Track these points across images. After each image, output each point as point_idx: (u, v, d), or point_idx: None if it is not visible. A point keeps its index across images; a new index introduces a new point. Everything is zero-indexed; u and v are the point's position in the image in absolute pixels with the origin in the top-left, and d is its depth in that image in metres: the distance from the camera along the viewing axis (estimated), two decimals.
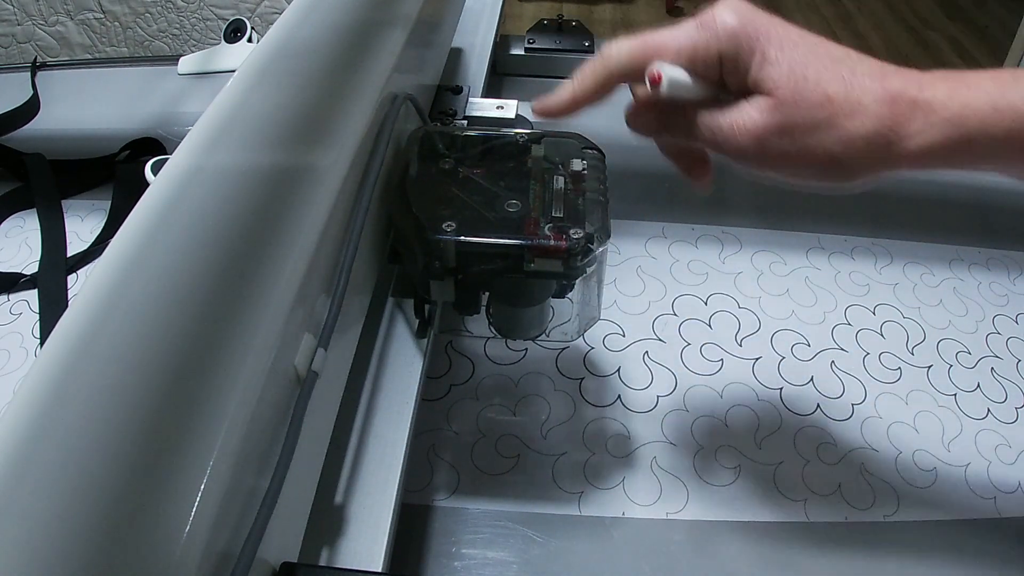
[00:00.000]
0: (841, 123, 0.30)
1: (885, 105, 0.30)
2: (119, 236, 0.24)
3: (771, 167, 0.32)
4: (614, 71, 0.34)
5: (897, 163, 0.31)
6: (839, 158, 0.31)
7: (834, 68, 0.31)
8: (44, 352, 0.21)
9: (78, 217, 0.67)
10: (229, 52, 0.83)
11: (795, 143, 0.31)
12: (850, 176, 0.32)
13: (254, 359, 0.27)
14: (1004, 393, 0.56)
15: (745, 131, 0.31)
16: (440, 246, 0.39)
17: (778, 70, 0.31)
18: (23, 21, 1.33)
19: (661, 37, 0.33)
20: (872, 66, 0.31)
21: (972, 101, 0.30)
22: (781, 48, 0.31)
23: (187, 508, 0.22)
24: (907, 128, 0.30)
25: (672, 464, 0.50)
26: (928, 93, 0.30)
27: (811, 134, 0.30)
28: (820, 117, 0.30)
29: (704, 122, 0.33)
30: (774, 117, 0.31)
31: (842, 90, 0.30)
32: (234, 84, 0.32)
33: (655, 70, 0.32)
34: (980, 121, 0.30)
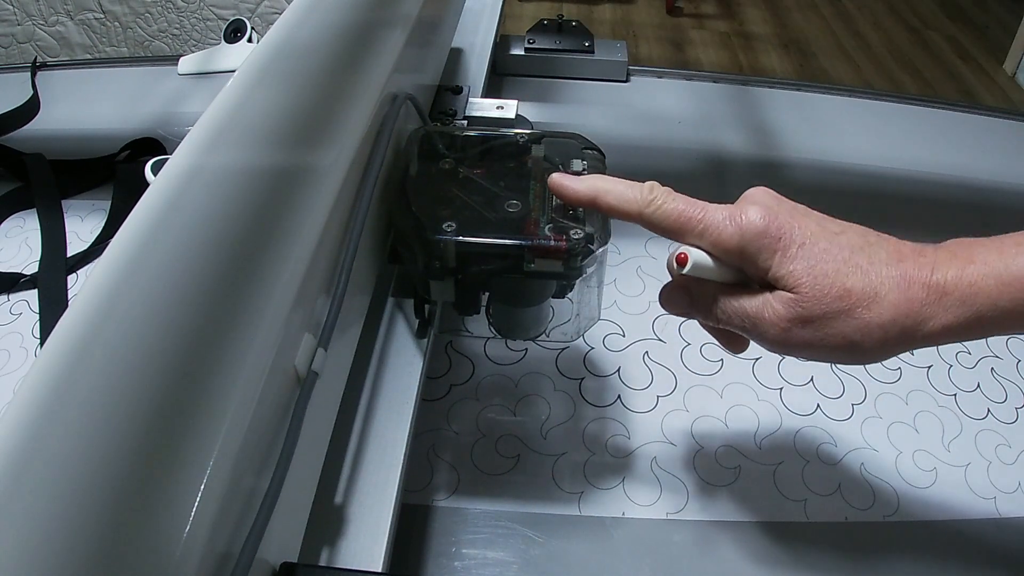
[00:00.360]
0: (860, 314, 0.32)
1: (901, 292, 0.32)
2: (119, 236, 0.24)
3: (794, 352, 0.34)
4: (642, 219, 0.35)
5: (913, 344, 0.33)
6: (859, 344, 0.32)
7: (852, 259, 0.33)
8: (44, 352, 0.21)
9: (78, 217, 0.67)
10: (229, 52, 0.83)
11: (817, 333, 0.33)
12: (869, 358, 0.33)
13: (254, 359, 0.27)
14: (1004, 393, 0.56)
15: (771, 323, 0.33)
16: (440, 246, 0.39)
17: (799, 267, 0.33)
18: (23, 21, 1.33)
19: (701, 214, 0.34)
20: (889, 250, 0.33)
21: (979, 280, 0.31)
22: (802, 245, 0.33)
23: (187, 508, 0.22)
24: (922, 314, 0.32)
25: (672, 464, 0.50)
26: (939, 275, 0.32)
27: (832, 324, 0.32)
28: (840, 309, 0.32)
29: (731, 307, 0.35)
30: (796, 311, 0.33)
31: (860, 282, 0.32)
32: (234, 84, 0.32)
33: (682, 251, 0.35)
34: (988, 297, 0.31)
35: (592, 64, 0.86)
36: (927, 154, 0.77)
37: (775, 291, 0.34)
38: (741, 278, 0.36)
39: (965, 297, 0.31)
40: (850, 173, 0.75)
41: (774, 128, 0.80)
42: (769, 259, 0.33)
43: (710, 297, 0.36)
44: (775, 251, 0.33)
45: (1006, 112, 0.85)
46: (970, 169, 0.76)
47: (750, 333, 0.35)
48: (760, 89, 0.86)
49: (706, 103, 0.84)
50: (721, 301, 0.35)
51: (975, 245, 0.33)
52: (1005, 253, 0.32)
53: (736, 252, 0.34)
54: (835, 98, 0.86)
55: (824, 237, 0.33)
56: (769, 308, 0.33)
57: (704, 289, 0.36)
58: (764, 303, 0.34)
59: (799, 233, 0.33)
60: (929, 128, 0.82)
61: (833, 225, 0.34)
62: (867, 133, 0.81)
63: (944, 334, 0.32)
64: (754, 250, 0.33)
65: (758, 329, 0.34)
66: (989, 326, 0.32)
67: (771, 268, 0.33)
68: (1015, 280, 0.31)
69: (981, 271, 0.32)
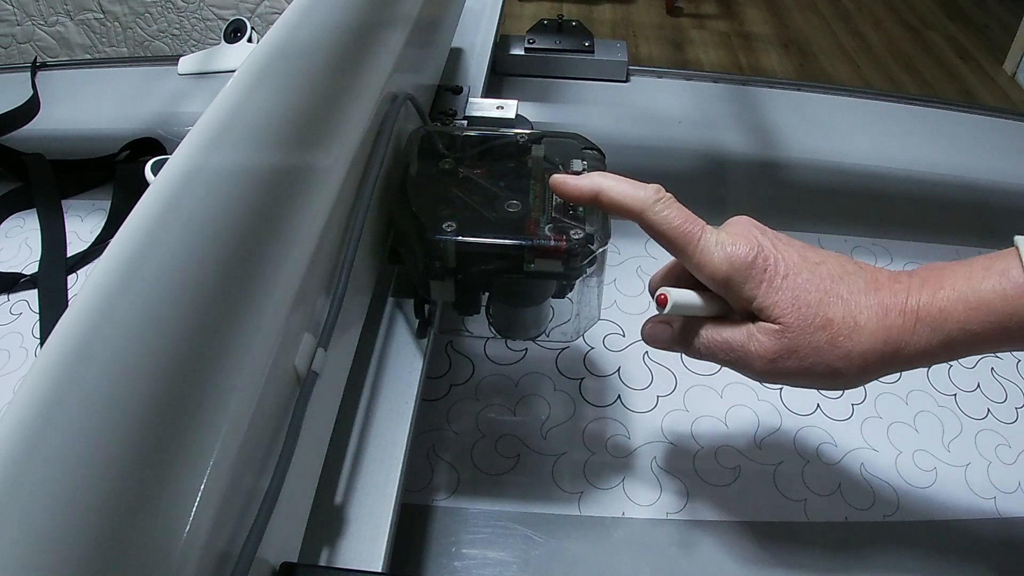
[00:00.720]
0: (841, 343, 0.33)
1: (879, 320, 0.33)
2: (119, 236, 0.24)
3: (780, 380, 0.35)
4: (644, 219, 0.35)
5: (892, 368, 0.34)
6: (842, 372, 0.33)
7: (833, 289, 0.34)
8: (44, 352, 0.21)
9: (78, 217, 0.67)
10: (229, 52, 0.83)
11: (802, 363, 0.33)
12: (852, 383, 0.35)
13: (254, 359, 0.27)
14: (1004, 393, 0.56)
15: (757, 356, 0.34)
16: (440, 246, 0.39)
17: (784, 297, 0.33)
18: (23, 21, 1.33)
19: (700, 233, 0.35)
20: (867, 279, 0.34)
21: (947, 305, 0.32)
22: (785, 275, 0.34)
23: (187, 508, 0.22)
24: (899, 340, 0.33)
25: (672, 464, 0.50)
26: (913, 300, 0.33)
27: (815, 354, 0.33)
28: (823, 339, 0.33)
29: (714, 340, 0.36)
30: (782, 342, 0.33)
31: (840, 312, 0.33)
32: (234, 84, 0.32)
33: (662, 293, 0.36)
34: (956, 322, 0.32)
35: (592, 64, 0.86)
36: (927, 154, 0.77)
37: (758, 322, 0.34)
38: (720, 311, 0.36)
39: (936, 323, 0.32)
40: (850, 173, 0.75)
41: (774, 128, 0.80)
42: (755, 289, 0.34)
43: (692, 331, 0.37)
44: (761, 282, 0.34)
45: (1006, 112, 0.85)
46: (970, 169, 0.76)
47: (735, 365, 0.36)
48: (760, 89, 0.86)
49: (706, 103, 0.84)
50: (704, 335, 0.36)
51: (945, 270, 0.34)
52: (972, 278, 0.32)
53: (722, 281, 0.34)
54: (835, 98, 0.86)
55: (806, 268, 0.34)
56: (755, 340, 0.34)
57: (686, 323, 0.37)
58: (749, 335, 0.34)
59: (783, 264, 0.34)
60: (929, 128, 0.82)
61: (813, 255, 0.35)
62: (867, 133, 0.81)
63: (919, 358, 0.33)
64: (740, 280, 0.34)
65: (744, 361, 0.35)
66: (961, 349, 0.33)
67: (756, 298, 0.34)
68: (982, 304, 0.31)
69: (950, 296, 0.32)
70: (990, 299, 0.31)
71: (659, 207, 0.35)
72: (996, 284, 0.32)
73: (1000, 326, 0.31)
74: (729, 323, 0.36)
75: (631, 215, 0.36)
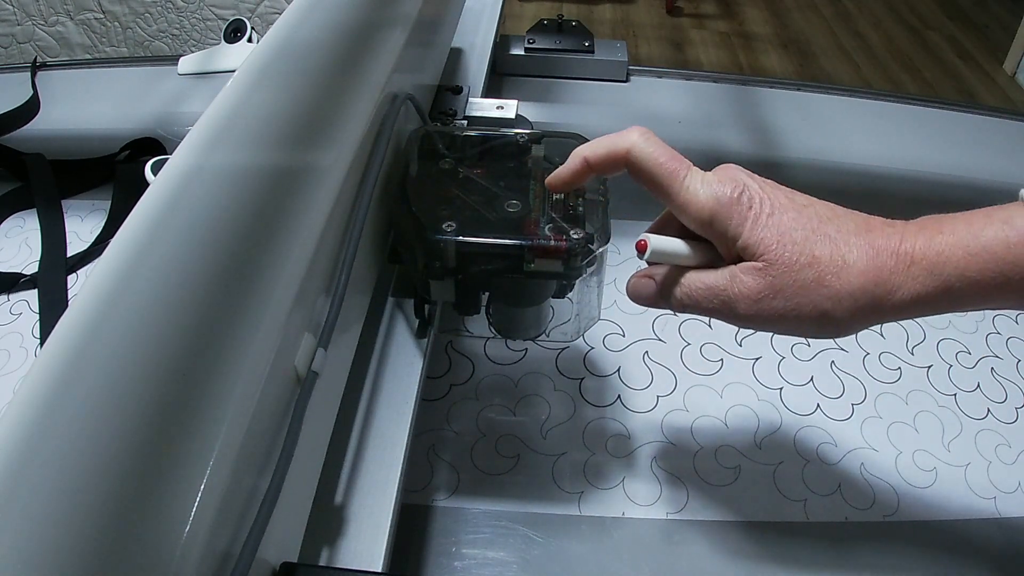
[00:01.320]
0: (829, 281, 0.32)
1: (869, 260, 0.32)
2: (119, 236, 0.24)
3: (766, 326, 0.34)
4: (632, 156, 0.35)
5: (885, 314, 0.33)
6: (830, 313, 0.32)
7: (821, 228, 0.33)
8: (44, 352, 0.21)
9: (78, 217, 0.67)
10: (229, 52, 0.83)
11: (788, 303, 0.32)
12: (842, 329, 0.33)
13: (254, 359, 0.27)
14: (1004, 393, 0.56)
15: (741, 296, 0.33)
16: (440, 246, 0.39)
17: (769, 234, 0.33)
18: (23, 21, 1.33)
19: (686, 171, 0.34)
20: (858, 222, 0.34)
21: (945, 249, 0.31)
22: (771, 213, 0.33)
23: (187, 508, 0.22)
24: (891, 282, 0.32)
25: (672, 464, 0.50)
26: (908, 244, 0.32)
27: (802, 293, 0.32)
28: (809, 277, 0.32)
29: (696, 287, 0.35)
30: (766, 280, 0.32)
31: (828, 250, 0.32)
32: (234, 84, 0.32)
33: (641, 239, 0.35)
34: (955, 267, 0.31)
35: (592, 64, 0.86)
36: (927, 154, 0.77)
37: (741, 263, 0.33)
38: (703, 261, 0.36)
39: (933, 266, 0.31)
40: (850, 173, 0.75)
41: (774, 128, 0.80)
42: (740, 226, 0.33)
43: (674, 281, 0.36)
44: (745, 219, 0.33)
45: (1006, 112, 0.85)
46: (970, 169, 0.76)
47: (720, 312, 0.34)
48: (760, 89, 0.86)
49: (706, 103, 0.84)
50: (686, 283, 0.35)
51: (944, 218, 0.33)
52: (973, 225, 0.32)
53: (707, 219, 0.34)
54: (835, 98, 0.86)
55: (793, 208, 0.33)
56: (738, 281, 0.33)
57: (668, 274, 0.36)
58: (732, 277, 0.33)
59: (768, 203, 0.33)
60: (929, 128, 0.82)
61: (801, 198, 0.34)
62: (867, 133, 0.81)
63: (914, 304, 0.32)
64: (724, 216, 0.33)
65: (728, 305, 0.34)
66: (958, 298, 0.32)
67: (741, 236, 0.33)
68: (982, 251, 0.31)
69: (949, 240, 0.31)
70: (991, 246, 0.31)
71: (644, 143, 0.35)
72: (998, 231, 0.31)
73: (1001, 274, 0.31)
74: (712, 269, 0.35)
75: (618, 159, 0.35)
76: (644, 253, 0.35)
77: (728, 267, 0.34)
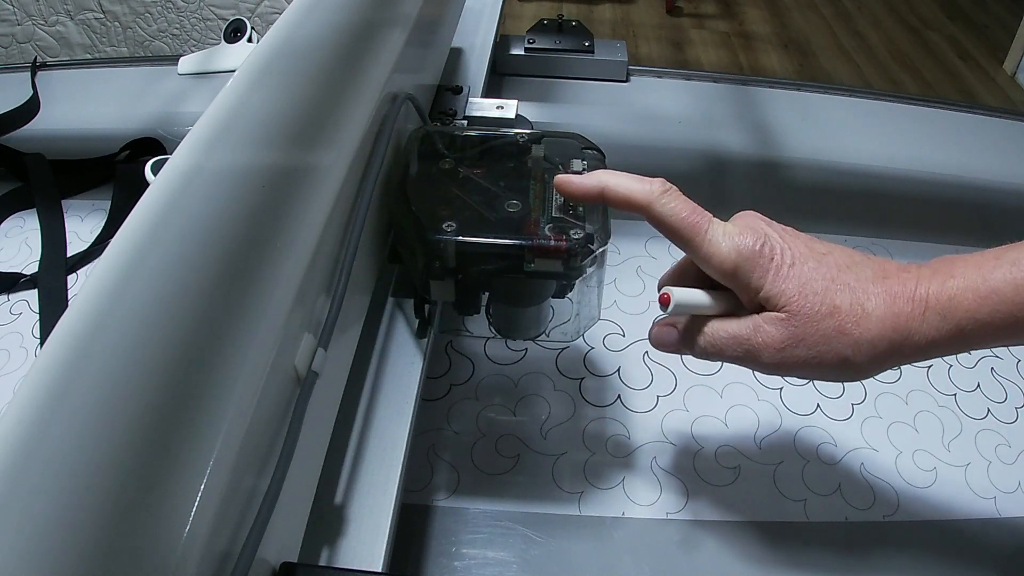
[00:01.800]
0: (850, 330, 0.33)
1: (887, 307, 0.33)
2: (119, 236, 0.24)
3: (790, 372, 0.35)
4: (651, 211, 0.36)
5: (903, 358, 0.33)
6: (851, 360, 0.33)
7: (840, 277, 0.34)
8: (44, 352, 0.21)
9: (78, 217, 0.67)
10: (229, 52, 0.83)
11: (811, 352, 0.33)
12: (862, 373, 0.34)
13: (254, 359, 0.27)
14: (1004, 393, 0.56)
15: (765, 346, 0.34)
16: (440, 246, 0.39)
17: (791, 286, 0.33)
18: (23, 21, 1.33)
19: (707, 224, 0.35)
20: (875, 268, 0.34)
21: (957, 293, 0.32)
22: (792, 264, 0.34)
23: (187, 508, 0.22)
24: (908, 328, 0.33)
25: (672, 464, 0.50)
26: (922, 289, 0.33)
27: (824, 342, 0.33)
28: (831, 326, 0.33)
29: (720, 336, 0.35)
30: (790, 331, 0.33)
31: (848, 299, 0.33)
32: (234, 84, 0.32)
33: (664, 292, 0.36)
34: (967, 311, 0.32)
35: (592, 64, 0.86)
36: (927, 154, 0.77)
37: (764, 313, 0.34)
38: (725, 309, 0.36)
39: (945, 311, 0.32)
40: (850, 173, 0.75)
41: (774, 128, 0.80)
42: (762, 278, 0.34)
43: (697, 330, 0.36)
44: (767, 270, 0.34)
45: (1006, 112, 0.85)
46: (970, 169, 0.76)
47: (744, 360, 0.35)
48: (760, 89, 0.86)
49: (706, 103, 0.84)
50: (709, 332, 0.36)
51: (956, 261, 0.33)
52: (983, 267, 0.32)
53: (731, 271, 0.34)
54: (835, 98, 0.86)
55: (812, 257, 0.34)
56: (761, 331, 0.34)
57: (691, 323, 0.37)
58: (755, 327, 0.34)
59: (790, 253, 0.34)
60: (929, 128, 0.82)
61: (820, 246, 0.35)
62: (867, 133, 0.81)
63: (930, 348, 0.33)
64: (747, 269, 0.34)
65: (752, 354, 0.34)
66: (972, 339, 0.32)
67: (764, 287, 0.34)
68: (992, 293, 0.31)
69: (960, 284, 0.32)
70: (1000, 288, 0.31)
71: (665, 199, 0.35)
72: (1007, 273, 0.31)
73: (1011, 315, 0.31)
74: (734, 318, 0.35)
75: (637, 209, 0.36)
76: (667, 307, 0.35)
77: (751, 316, 0.35)
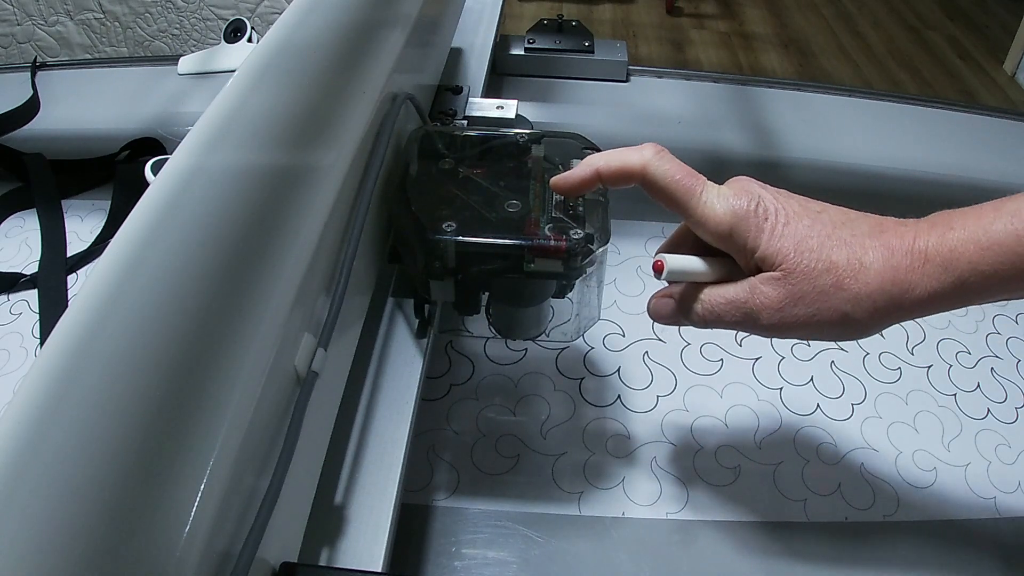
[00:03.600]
0: (848, 285, 0.32)
1: (884, 261, 0.32)
2: (119, 236, 0.24)
3: (790, 333, 0.34)
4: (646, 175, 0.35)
5: (903, 313, 0.33)
6: (850, 315, 0.33)
7: (835, 233, 0.33)
8: (44, 352, 0.21)
9: (78, 217, 0.67)
10: (229, 52, 0.83)
11: (809, 309, 0.33)
12: (863, 330, 0.34)
13: (254, 359, 0.27)
14: (1004, 393, 0.56)
15: (763, 307, 0.33)
16: (440, 246, 0.39)
17: (786, 244, 0.33)
18: (23, 21, 1.33)
19: (701, 187, 0.35)
20: (871, 223, 0.34)
21: (957, 244, 0.32)
22: (786, 223, 0.34)
23: (187, 508, 0.22)
24: (908, 281, 0.32)
25: (672, 464, 0.50)
26: (921, 242, 0.33)
27: (822, 299, 0.33)
28: (828, 282, 0.32)
29: (717, 302, 0.35)
30: (786, 289, 0.33)
31: (844, 254, 0.33)
32: (234, 84, 0.32)
33: (657, 259, 0.35)
34: (968, 262, 0.31)
35: (592, 64, 0.86)
36: (927, 154, 0.77)
37: (761, 274, 0.34)
38: (721, 275, 0.36)
39: (946, 262, 0.32)
40: (850, 173, 0.75)
41: (774, 128, 0.80)
42: (757, 238, 0.33)
43: (693, 298, 0.36)
44: (762, 230, 0.33)
45: (1006, 112, 0.85)
46: (970, 169, 0.76)
47: (742, 324, 0.35)
48: (760, 89, 0.86)
49: (706, 103, 0.84)
50: (706, 298, 0.36)
51: (954, 214, 0.33)
52: (983, 219, 0.32)
53: (726, 233, 0.34)
54: (835, 98, 0.86)
55: (807, 215, 0.34)
56: (759, 292, 0.34)
57: (687, 291, 0.37)
58: (752, 288, 0.34)
59: (783, 213, 0.34)
60: (929, 128, 0.82)
61: (814, 204, 0.35)
62: (867, 133, 0.81)
63: (932, 301, 0.32)
64: (743, 230, 0.34)
65: (751, 317, 0.34)
66: (973, 292, 0.32)
67: (759, 247, 0.33)
68: (993, 244, 0.31)
69: (960, 236, 0.32)
70: (1002, 239, 0.31)
71: (658, 161, 0.35)
72: (1007, 224, 0.31)
73: (1013, 266, 0.31)
74: (730, 284, 0.35)
75: (634, 176, 0.35)
76: (661, 273, 0.35)
77: (747, 279, 0.34)
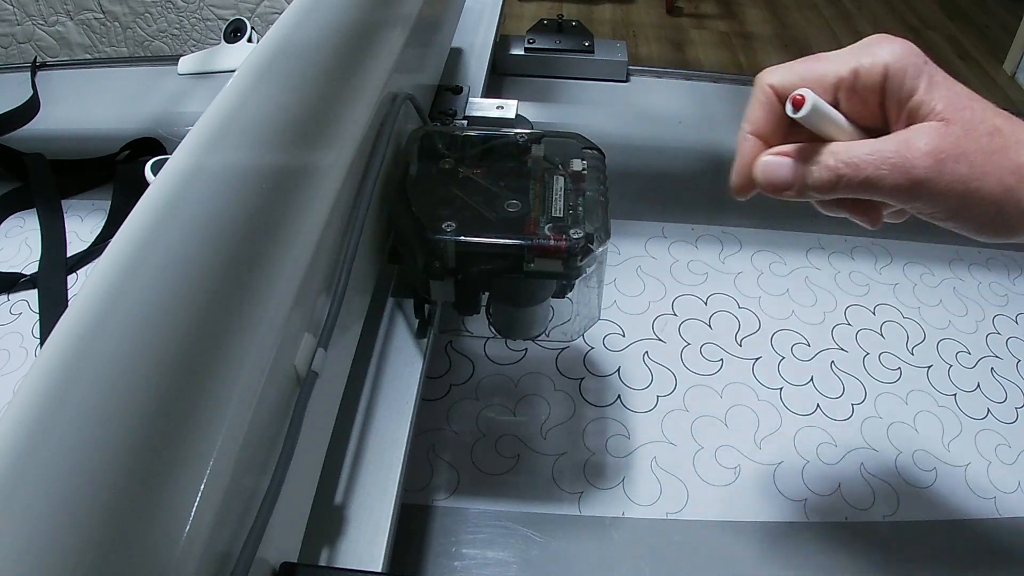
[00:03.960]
0: (1012, 155, 0.29)
1: None
2: (119, 236, 0.24)
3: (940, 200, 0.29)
4: (769, 95, 0.32)
5: None
6: (1014, 191, 0.29)
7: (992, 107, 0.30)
8: (44, 352, 0.21)
9: (78, 217, 0.67)
10: (229, 52, 0.83)
11: (972, 169, 0.29)
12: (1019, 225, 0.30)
13: (254, 359, 0.27)
14: (1004, 393, 0.56)
15: (923, 154, 0.29)
16: (440, 246, 0.39)
17: (948, 92, 0.30)
18: (23, 21, 1.33)
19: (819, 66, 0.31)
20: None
21: None
22: (945, 78, 0.30)
23: (187, 508, 0.22)
24: None
25: (672, 464, 0.50)
26: None
27: (986, 162, 0.29)
28: (994, 146, 0.29)
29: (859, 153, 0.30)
30: (948, 140, 0.29)
31: (1007, 124, 0.30)
32: (234, 84, 0.32)
33: (798, 93, 0.30)
34: None
35: (592, 64, 0.86)
36: None
37: (916, 125, 0.30)
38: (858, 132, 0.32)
39: None
40: None
41: None
42: (916, 79, 0.30)
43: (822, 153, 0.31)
44: (921, 72, 0.30)
45: None
46: None
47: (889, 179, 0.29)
48: None
49: (706, 103, 0.84)
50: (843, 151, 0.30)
51: None
52: None
53: (880, 72, 0.30)
54: None
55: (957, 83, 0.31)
56: (913, 140, 0.29)
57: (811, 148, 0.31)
58: (904, 139, 0.29)
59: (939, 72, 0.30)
60: None
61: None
62: None
63: None
64: (899, 69, 0.30)
65: (902, 169, 0.29)
66: None
67: (918, 90, 0.30)
68: None
69: None
70: None
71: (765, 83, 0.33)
72: None
73: None
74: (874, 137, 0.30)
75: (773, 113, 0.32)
76: (799, 109, 0.29)
77: (896, 133, 0.30)
